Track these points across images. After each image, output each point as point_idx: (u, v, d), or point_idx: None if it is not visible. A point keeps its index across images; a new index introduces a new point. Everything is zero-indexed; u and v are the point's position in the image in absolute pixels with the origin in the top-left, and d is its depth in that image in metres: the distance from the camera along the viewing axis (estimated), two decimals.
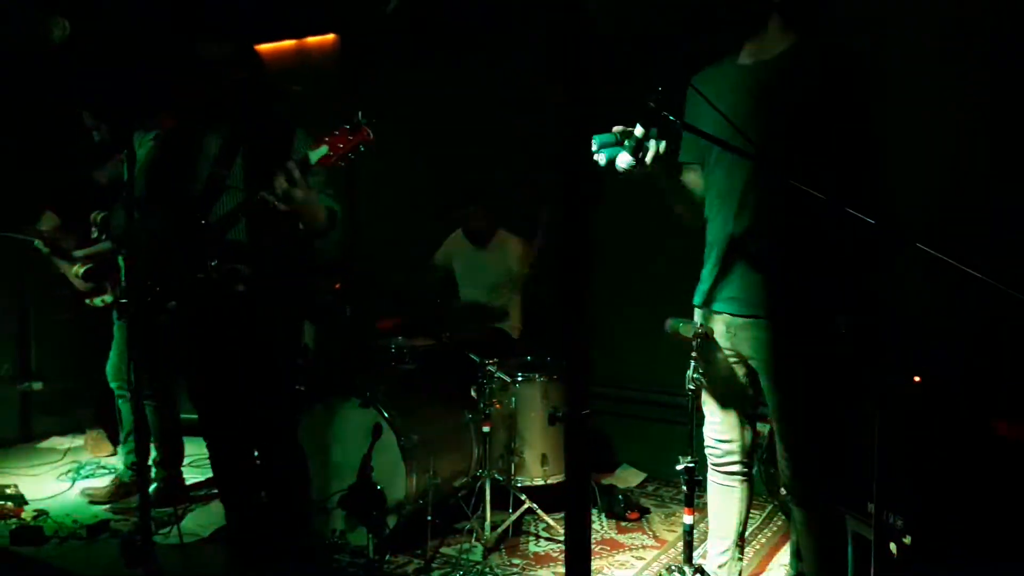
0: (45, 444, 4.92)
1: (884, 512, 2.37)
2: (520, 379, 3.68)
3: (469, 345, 3.78)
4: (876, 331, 2.37)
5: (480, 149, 4.61)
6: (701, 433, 2.56)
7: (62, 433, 5.01)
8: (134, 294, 2.44)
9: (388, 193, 4.97)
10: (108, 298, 4.10)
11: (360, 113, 2.43)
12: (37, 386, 4.98)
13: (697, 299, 2.48)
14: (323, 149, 2.45)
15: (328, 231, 2.67)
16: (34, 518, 3.66)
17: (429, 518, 3.27)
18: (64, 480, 4.27)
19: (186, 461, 4.08)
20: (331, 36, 5.28)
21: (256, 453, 2.88)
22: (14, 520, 3.62)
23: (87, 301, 4.18)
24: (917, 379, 2.42)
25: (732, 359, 2.43)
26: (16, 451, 4.78)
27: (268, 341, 2.74)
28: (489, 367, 3.58)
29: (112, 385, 3.96)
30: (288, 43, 5.40)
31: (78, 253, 3.82)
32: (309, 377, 3.70)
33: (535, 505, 3.47)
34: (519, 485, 3.59)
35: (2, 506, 3.71)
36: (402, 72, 4.87)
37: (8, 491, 3.84)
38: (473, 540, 3.42)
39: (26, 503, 3.82)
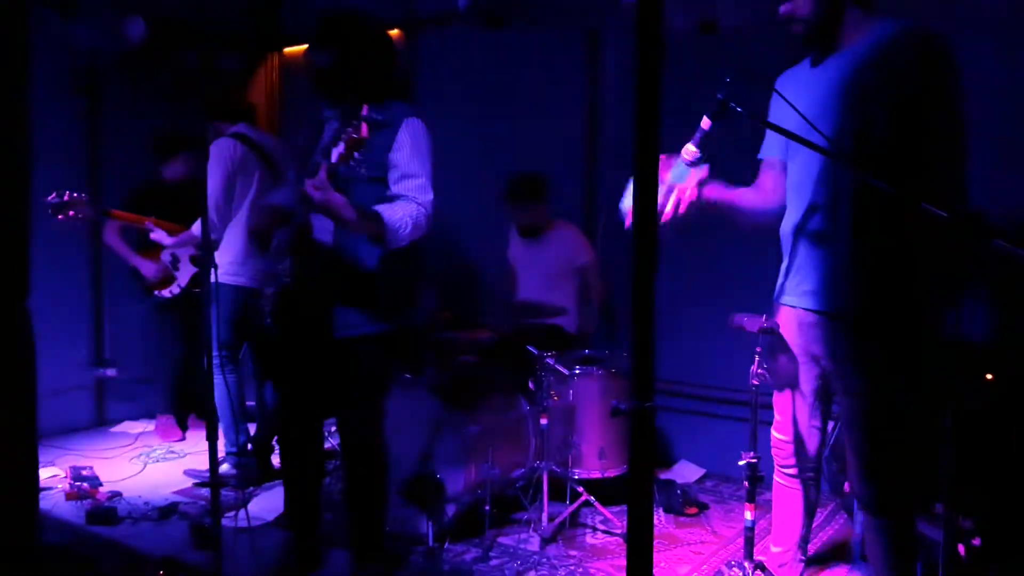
0: (118, 428, 5.10)
1: (954, 513, 2.30)
2: (578, 372, 3.69)
3: (528, 338, 3.79)
4: (950, 328, 2.28)
5: (536, 144, 4.60)
6: (763, 429, 2.51)
7: (134, 418, 5.20)
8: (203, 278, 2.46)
9: (446, 188, 4.99)
10: (175, 289, 4.26)
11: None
12: (111, 373, 5.16)
13: (775, 294, 2.44)
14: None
15: (380, 242, 2.61)
16: (108, 499, 3.81)
17: (487, 508, 3.30)
18: (136, 463, 4.42)
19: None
20: (395, 31, 5.33)
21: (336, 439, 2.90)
22: (90, 501, 3.78)
23: (155, 292, 4.34)
24: (990, 377, 2.36)
25: (804, 357, 2.37)
26: (91, 435, 4.95)
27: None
28: (548, 360, 3.59)
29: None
30: None
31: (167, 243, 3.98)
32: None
33: (592, 498, 3.48)
34: (576, 477, 3.60)
35: (79, 487, 3.85)
36: (462, 66, 4.90)
37: (84, 473, 4.00)
38: (531, 531, 3.45)
39: (101, 485, 3.96)
